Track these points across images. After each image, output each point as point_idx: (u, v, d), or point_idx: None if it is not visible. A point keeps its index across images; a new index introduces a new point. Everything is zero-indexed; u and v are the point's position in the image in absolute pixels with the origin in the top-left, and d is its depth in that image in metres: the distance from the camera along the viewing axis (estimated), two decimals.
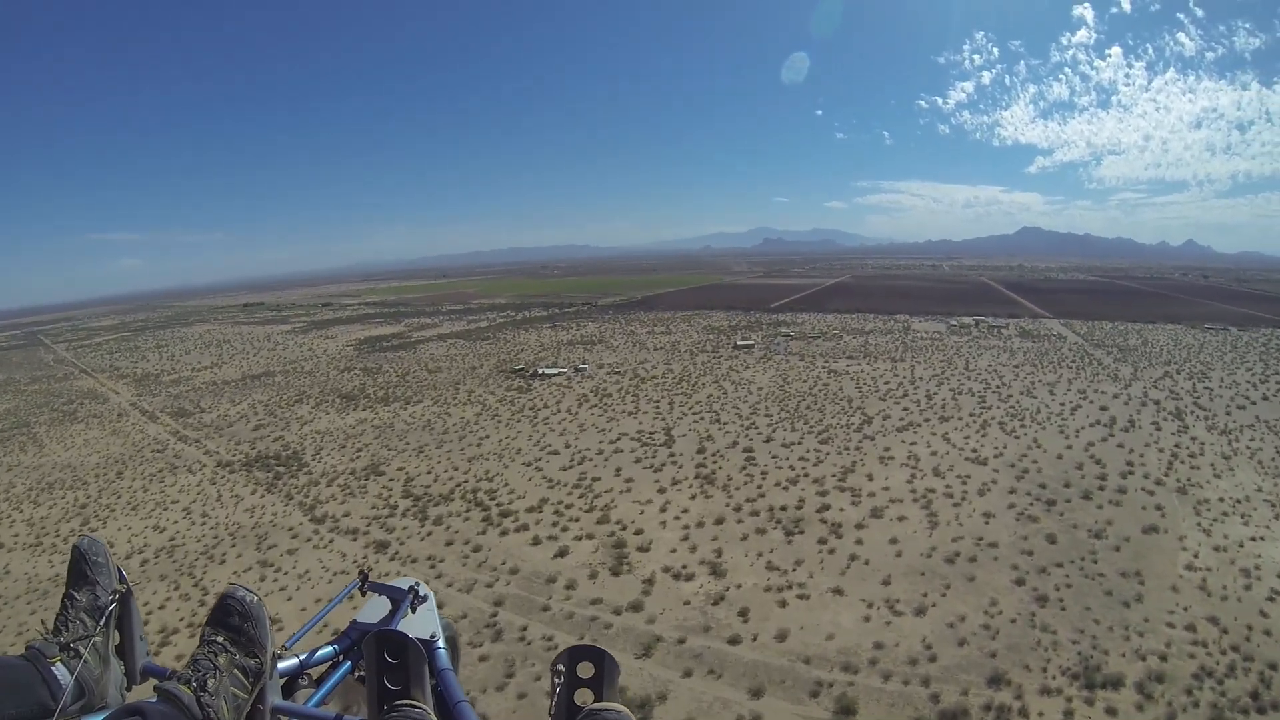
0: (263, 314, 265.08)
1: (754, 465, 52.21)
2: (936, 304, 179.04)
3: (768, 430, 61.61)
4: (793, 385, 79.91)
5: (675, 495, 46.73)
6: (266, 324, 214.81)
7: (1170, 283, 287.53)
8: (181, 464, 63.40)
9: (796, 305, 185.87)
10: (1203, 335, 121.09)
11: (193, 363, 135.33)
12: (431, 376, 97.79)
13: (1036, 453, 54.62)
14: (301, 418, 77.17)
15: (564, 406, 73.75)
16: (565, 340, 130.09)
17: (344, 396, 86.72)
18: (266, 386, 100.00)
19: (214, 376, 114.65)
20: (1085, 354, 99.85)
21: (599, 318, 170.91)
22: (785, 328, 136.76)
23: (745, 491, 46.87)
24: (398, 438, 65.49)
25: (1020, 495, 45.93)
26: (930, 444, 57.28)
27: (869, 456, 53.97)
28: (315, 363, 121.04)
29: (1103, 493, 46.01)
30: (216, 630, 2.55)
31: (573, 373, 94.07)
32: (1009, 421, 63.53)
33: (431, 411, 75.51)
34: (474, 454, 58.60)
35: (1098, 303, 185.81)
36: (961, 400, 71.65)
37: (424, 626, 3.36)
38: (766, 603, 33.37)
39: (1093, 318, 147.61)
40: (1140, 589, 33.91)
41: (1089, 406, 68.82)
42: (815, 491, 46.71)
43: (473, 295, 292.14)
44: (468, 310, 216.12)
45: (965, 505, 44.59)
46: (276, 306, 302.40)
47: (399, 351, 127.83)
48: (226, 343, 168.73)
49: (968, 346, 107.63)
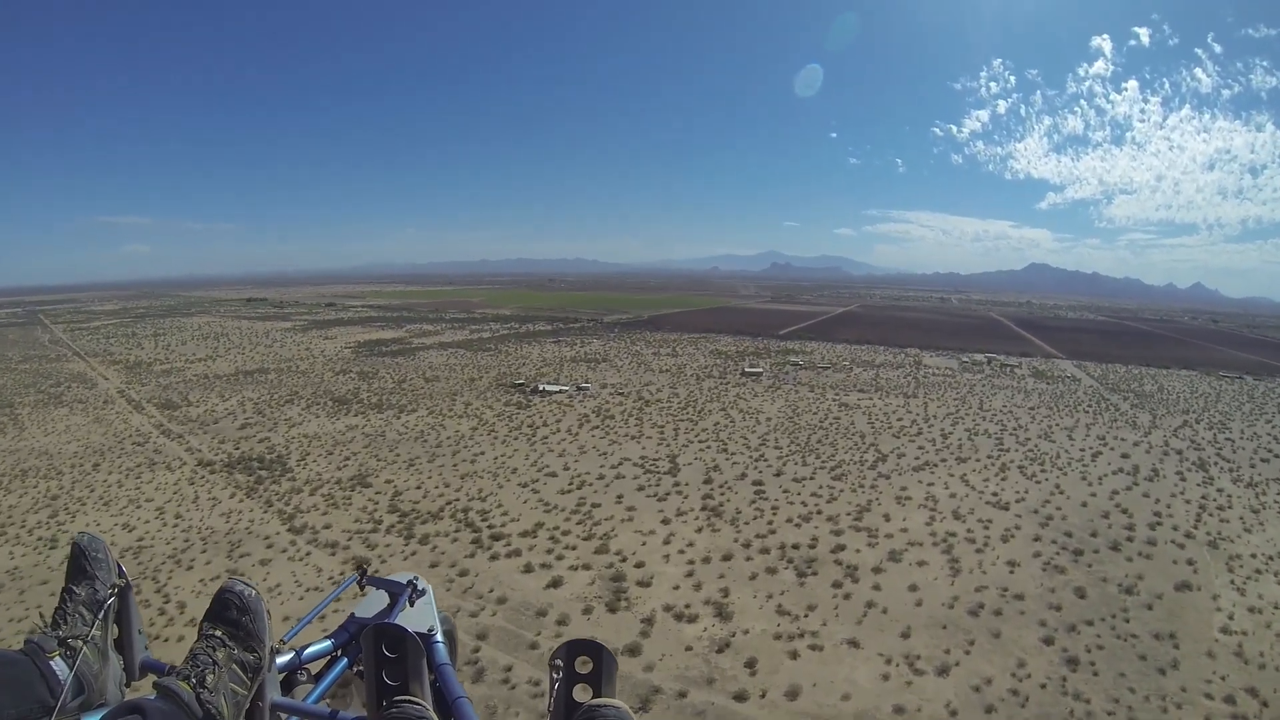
0: (265, 309, 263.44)
1: (764, 499, 49.36)
2: (947, 338, 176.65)
3: (778, 463, 58.78)
4: (803, 417, 77.14)
5: (680, 527, 43.79)
6: (267, 320, 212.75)
7: (1180, 326, 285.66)
8: (161, 460, 60.66)
9: (805, 333, 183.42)
10: (1219, 383, 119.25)
11: (187, 354, 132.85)
12: (428, 386, 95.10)
13: (1060, 499, 52.25)
14: (290, 419, 74.43)
15: (564, 426, 70.92)
16: (569, 357, 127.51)
17: (336, 400, 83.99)
18: (259, 384, 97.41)
19: (207, 369, 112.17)
20: (1101, 398, 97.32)
21: (604, 335, 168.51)
22: (794, 356, 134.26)
23: (755, 527, 44.00)
24: (388, 448, 62.62)
25: (1045, 543, 43.58)
26: (949, 485, 54.68)
27: (885, 496, 51.20)
28: (311, 363, 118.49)
29: (1131, 544, 43.91)
30: (215, 625, 2.52)
31: (575, 391, 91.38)
32: (1029, 465, 61.09)
33: (426, 422, 72.71)
34: (467, 471, 55.67)
35: (1110, 344, 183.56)
36: (978, 441, 68.97)
37: (422, 621, 3.30)
38: (776, 653, 30.50)
39: (1106, 360, 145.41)
40: (1175, 653, 31.73)
41: (1110, 453, 66.51)
42: (829, 530, 43.89)
43: (477, 304, 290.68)
44: (471, 319, 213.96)
45: (988, 552, 42.09)
46: (280, 303, 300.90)
47: (398, 357, 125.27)
48: (224, 336, 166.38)
49: (981, 385, 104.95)
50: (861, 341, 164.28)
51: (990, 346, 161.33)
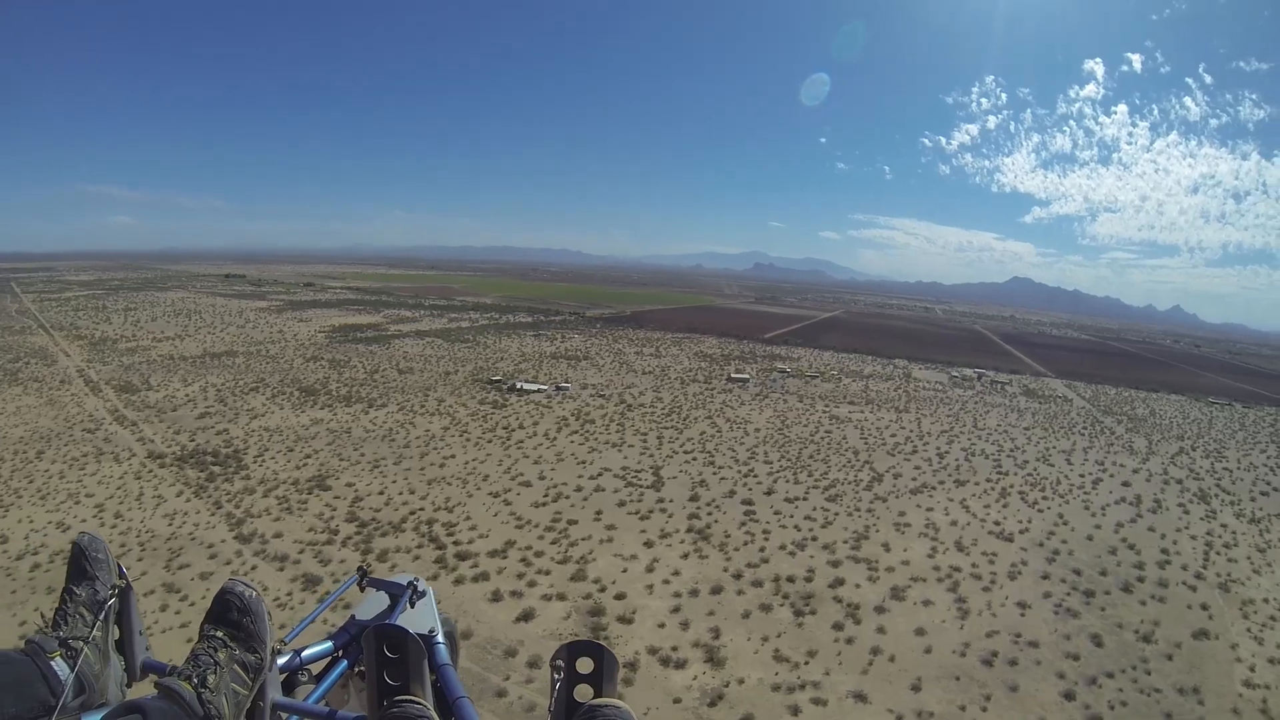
0: (242, 287, 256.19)
1: (754, 521, 45.92)
2: (934, 351, 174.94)
3: (768, 479, 55.46)
4: (793, 429, 73.93)
5: (664, 552, 40.12)
6: (243, 298, 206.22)
7: (1164, 349, 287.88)
8: (110, 450, 56.07)
9: (790, 338, 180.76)
10: (1209, 410, 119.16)
11: (156, 331, 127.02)
12: (401, 378, 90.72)
13: (1064, 531, 49.99)
14: (253, 409, 69.85)
15: (541, 429, 66.99)
16: (549, 352, 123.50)
17: (304, 390, 79.41)
18: (225, 368, 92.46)
19: (173, 349, 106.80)
20: (1095, 420, 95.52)
21: (586, 330, 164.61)
22: (781, 362, 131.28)
23: (746, 554, 40.52)
24: (353, 446, 58.38)
25: (1055, 581, 41.14)
26: (949, 511, 51.86)
27: (883, 521, 48.10)
28: (282, 347, 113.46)
29: (1143, 585, 41.90)
30: (216, 625, 2.50)
31: (553, 391, 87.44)
32: (1029, 491, 58.66)
33: (395, 419, 68.54)
34: (435, 476, 51.60)
35: (1097, 364, 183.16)
36: (976, 463, 66.29)
37: (423, 622, 3.27)
38: (775, 707, 27.15)
39: (1095, 380, 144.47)
40: (1201, 710, 29.86)
41: (1110, 481, 64.60)
42: (826, 560, 40.59)
43: (458, 291, 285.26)
44: (451, 307, 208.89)
45: (996, 590, 39.33)
46: (258, 281, 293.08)
47: (372, 345, 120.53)
48: (197, 314, 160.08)
49: (973, 402, 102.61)
50: (849, 350, 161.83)
51: (979, 361, 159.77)
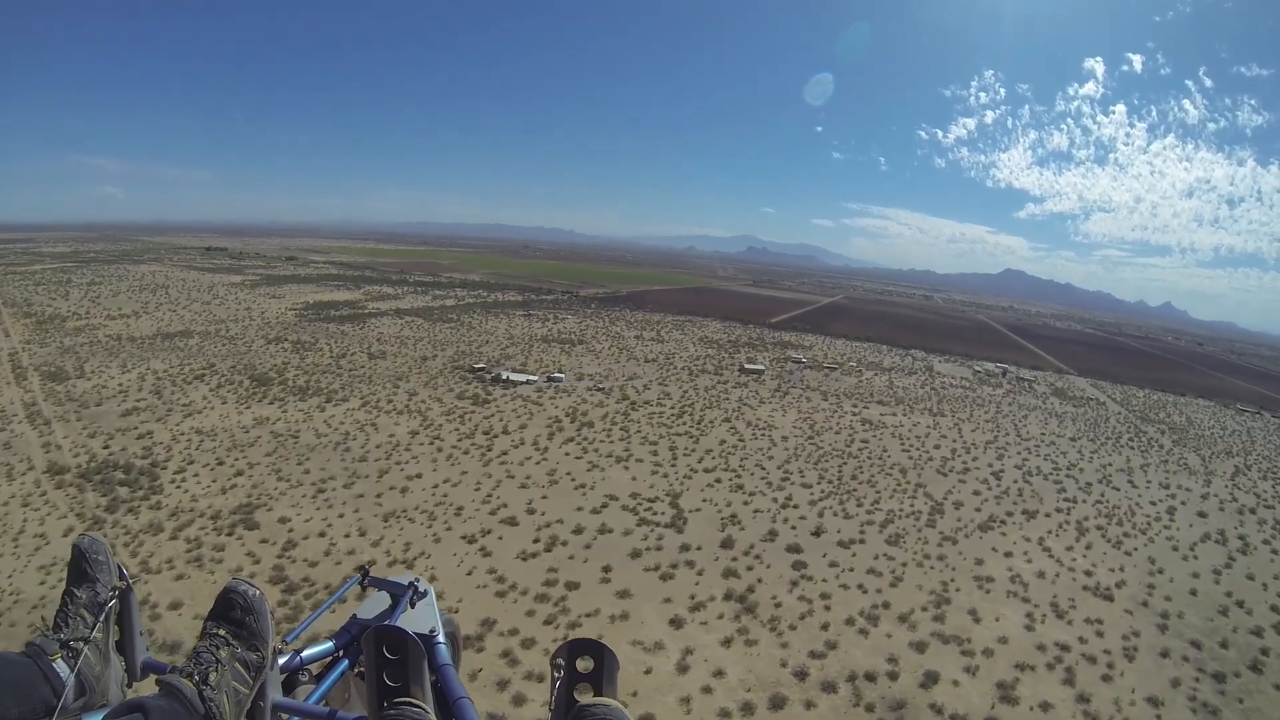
0: (221, 260, 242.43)
1: (807, 579, 35.91)
2: (947, 341, 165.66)
3: (811, 511, 45.54)
4: (824, 437, 64.09)
5: (699, 635, 29.92)
6: (218, 272, 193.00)
7: (1169, 346, 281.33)
8: (4, 460, 45.59)
9: (797, 324, 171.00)
10: (1241, 419, 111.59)
11: (113, 308, 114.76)
12: (371, 364, 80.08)
13: (1163, 583, 41.38)
14: (190, 405, 59.08)
15: (530, 436, 56.67)
16: (539, 335, 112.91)
17: (255, 379, 68.48)
18: (175, 351, 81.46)
19: (125, 329, 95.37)
20: (1138, 430, 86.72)
21: (579, 311, 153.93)
22: (793, 350, 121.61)
23: (806, 634, 30.57)
24: (298, 459, 47.77)
25: (1176, 660, 32.87)
26: (1028, 555, 42.75)
27: (960, 574, 38.58)
28: (244, 326, 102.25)
29: (1270, 660, 34.15)
30: (219, 624, 2.50)
31: (545, 383, 77.18)
32: (1107, 526, 49.94)
33: (355, 418, 58.08)
34: (394, 507, 40.98)
35: (1113, 361, 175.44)
36: (1037, 485, 57.11)
37: (424, 622, 3.26)
38: None
39: (1119, 380, 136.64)
40: None
41: (1184, 511, 56.03)
42: (908, 641, 30.90)
43: (446, 268, 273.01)
44: (436, 284, 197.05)
45: (1118, 680, 30.45)
46: (238, 254, 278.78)
47: (345, 325, 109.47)
48: (163, 288, 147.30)
49: (1007, 404, 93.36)
50: (860, 338, 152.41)
51: (995, 355, 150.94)
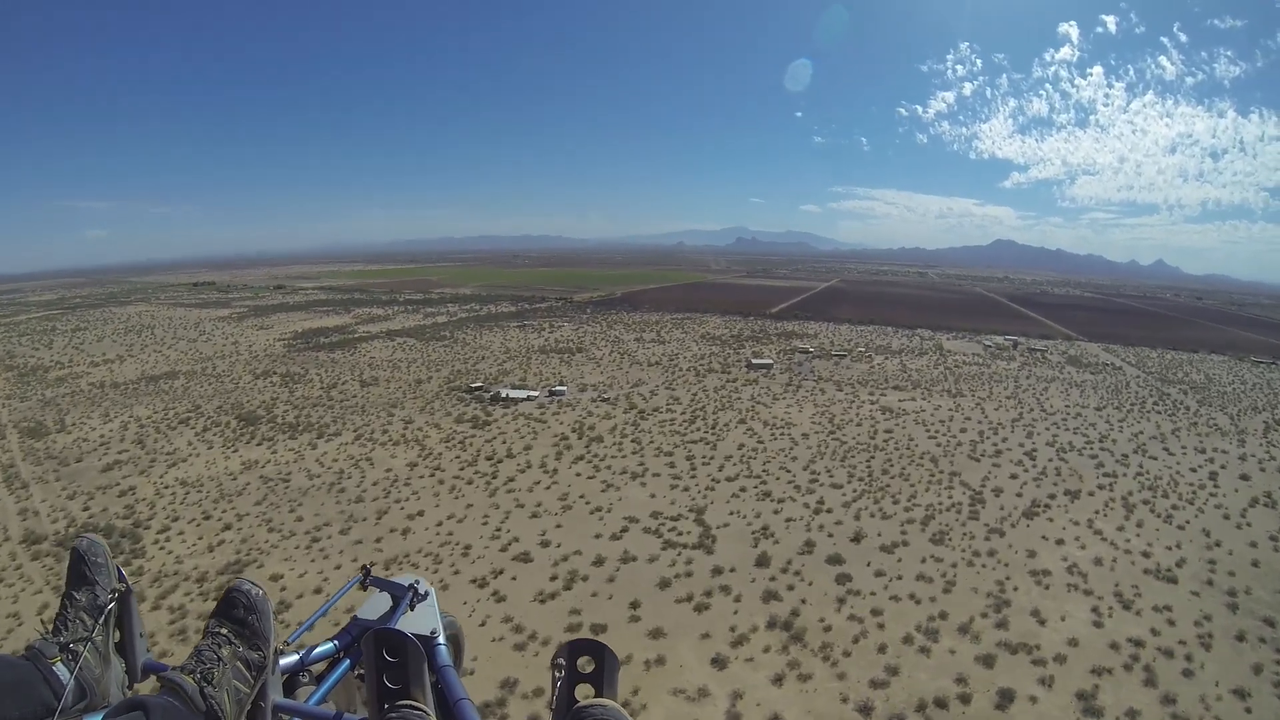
0: (209, 295, 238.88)
1: (854, 594, 32.72)
2: (951, 318, 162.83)
3: (846, 515, 42.41)
4: (846, 431, 61.03)
5: (746, 674, 26.67)
6: (206, 307, 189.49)
7: (1169, 303, 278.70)
8: None
9: (797, 312, 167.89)
10: (1259, 371, 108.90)
11: (97, 354, 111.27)
12: (364, 393, 76.89)
13: (1222, 556, 38.73)
14: (175, 453, 55.90)
15: (536, 458, 53.44)
16: (536, 346, 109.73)
17: (243, 419, 65.24)
18: (159, 394, 78.27)
19: (108, 375, 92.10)
20: (1160, 393, 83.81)
21: (575, 317, 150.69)
22: (799, 340, 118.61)
23: (863, 661, 27.45)
24: (289, 505, 44.50)
25: (1253, 642, 30.17)
26: (1081, 541, 39.84)
27: (1014, 570, 35.63)
28: (232, 362, 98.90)
29: None
30: (221, 622, 2.51)
31: (546, 397, 73.94)
32: (1154, 499, 47.21)
33: (349, 454, 54.85)
34: (396, 552, 37.79)
35: (1119, 324, 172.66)
36: (1073, 462, 54.22)
37: (424, 623, 3.23)
38: None
39: (1128, 342, 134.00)
40: None
41: (1226, 476, 53.33)
42: (973, 655, 27.88)
43: (436, 284, 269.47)
44: (427, 301, 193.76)
45: (1200, 674, 27.63)
46: (226, 287, 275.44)
47: (335, 352, 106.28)
48: (149, 329, 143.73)
49: (1024, 377, 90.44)
50: (864, 321, 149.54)
51: (1002, 327, 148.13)
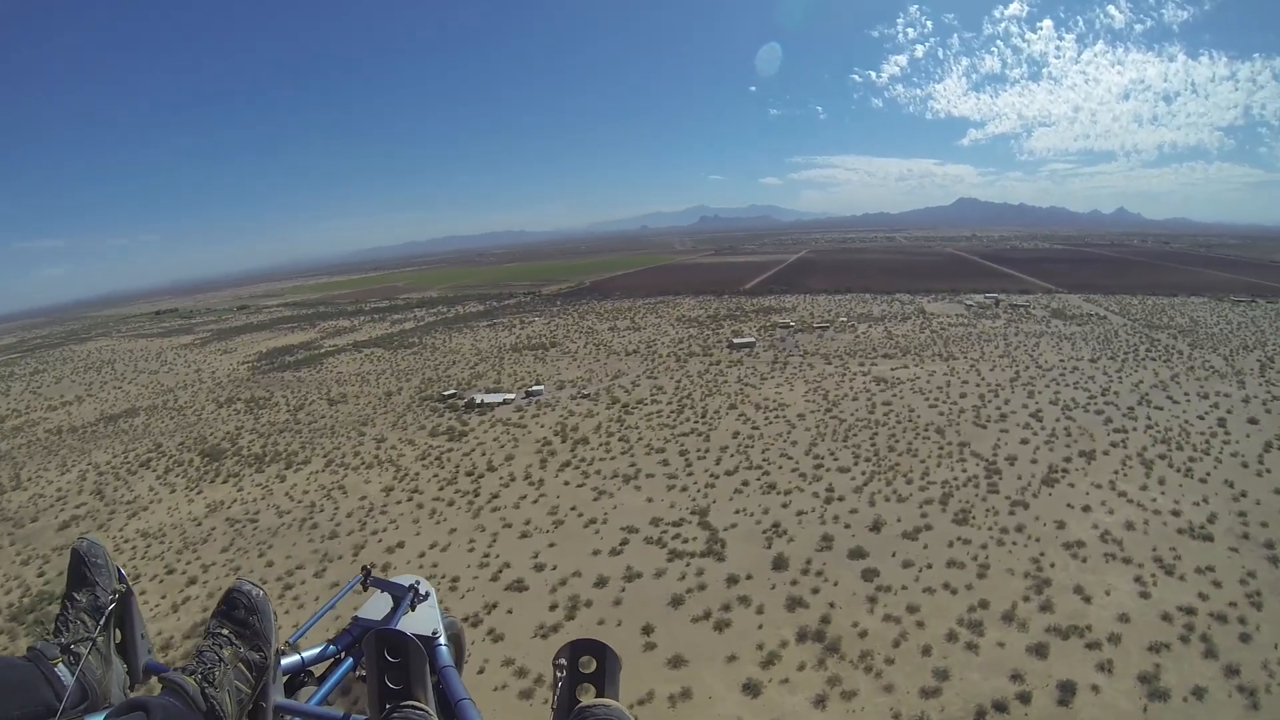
0: (172, 322, 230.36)
1: (885, 590, 29.96)
2: (927, 280, 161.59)
3: (861, 502, 39.60)
4: (842, 407, 58.53)
5: (782, 699, 23.72)
6: (169, 335, 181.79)
7: (1138, 249, 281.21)
8: None
9: (771, 286, 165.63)
10: (1241, 310, 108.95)
11: (55, 396, 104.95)
12: (332, 411, 72.87)
13: (1250, 507, 36.91)
14: (135, 501, 51.68)
15: (520, 469, 49.89)
16: (508, 344, 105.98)
17: (206, 454, 60.98)
18: (119, 435, 73.58)
19: (67, 419, 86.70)
20: (1150, 339, 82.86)
21: (545, 310, 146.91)
22: (778, 315, 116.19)
23: (908, 670, 24.68)
24: (258, 549, 40.66)
25: None
26: (1108, 505, 37.83)
27: (1047, 544, 33.36)
28: (194, 392, 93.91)
29: None
30: (222, 623, 2.52)
31: (523, 399, 70.38)
32: (1170, 453, 45.38)
33: (321, 483, 51.01)
34: None
35: (1094, 273, 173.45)
36: (1081, 420, 52.38)
37: (425, 624, 3.25)
38: None
39: (1108, 291, 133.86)
40: None
41: (1234, 420, 51.66)
42: (1024, 646, 25.45)
43: (402, 289, 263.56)
44: (393, 308, 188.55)
45: (1256, 636, 25.83)
46: (189, 313, 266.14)
47: (301, 370, 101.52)
48: (109, 364, 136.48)
49: (1012, 334, 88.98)
50: (840, 290, 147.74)
51: (981, 285, 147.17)
